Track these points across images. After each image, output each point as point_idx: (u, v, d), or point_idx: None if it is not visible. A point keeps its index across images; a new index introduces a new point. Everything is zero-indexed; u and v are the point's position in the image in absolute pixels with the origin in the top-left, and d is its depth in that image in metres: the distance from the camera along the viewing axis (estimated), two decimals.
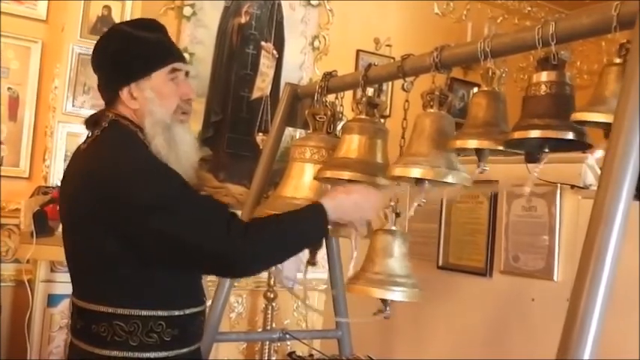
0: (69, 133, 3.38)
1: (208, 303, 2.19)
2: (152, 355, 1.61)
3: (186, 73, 1.78)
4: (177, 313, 1.64)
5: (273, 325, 3.58)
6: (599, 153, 1.44)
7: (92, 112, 1.81)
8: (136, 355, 1.59)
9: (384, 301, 1.82)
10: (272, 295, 3.57)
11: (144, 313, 1.59)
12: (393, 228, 1.90)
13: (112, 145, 1.64)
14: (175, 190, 1.58)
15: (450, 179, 1.71)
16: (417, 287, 1.85)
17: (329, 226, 1.73)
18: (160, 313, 1.61)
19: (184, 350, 1.67)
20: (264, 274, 3.62)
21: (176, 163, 1.67)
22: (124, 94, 1.68)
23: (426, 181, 1.77)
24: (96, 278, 1.64)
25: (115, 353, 1.59)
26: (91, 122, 1.74)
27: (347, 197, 1.76)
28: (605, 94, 1.44)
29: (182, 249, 1.55)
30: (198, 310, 1.72)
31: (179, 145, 1.70)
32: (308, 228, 1.71)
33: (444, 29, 4.80)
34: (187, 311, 1.67)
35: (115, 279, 1.60)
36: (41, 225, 2.92)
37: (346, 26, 4.52)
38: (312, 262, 2.14)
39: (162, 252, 1.56)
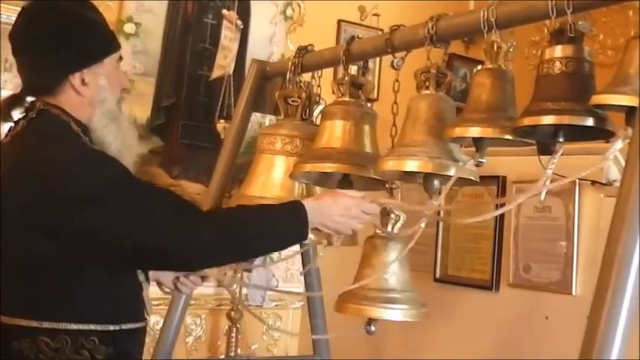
0: None
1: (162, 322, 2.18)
2: None
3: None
4: (112, 327, 1.69)
5: (239, 350, 3.58)
6: (618, 144, 1.46)
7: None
8: None
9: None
10: (237, 315, 3.56)
11: (72, 326, 1.64)
12: (390, 234, 1.91)
13: (43, 135, 1.72)
14: (116, 179, 1.66)
15: (452, 173, 1.72)
16: (419, 303, 1.87)
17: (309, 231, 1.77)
18: (92, 327, 1.65)
19: None
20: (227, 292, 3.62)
21: (127, 154, 1.81)
22: (76, 80, 1.75)
23: (436, 180, 1.79)
24: (18, 287, 1.67)
25: None
26: (6, 111, 1.80)
27: (334, 201, 1.80)
28: (629, 71, 1.46)
29: (126, 242, 1.62)
30: (137, 327, 1.77)
31: (127, 135, 1.86)
32: (282, 227, 1.77)
33: None
34: (124, 326, 1.72)
35: (41, 287, 1.65)
36: None
37: None
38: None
39: (102, 248, 1.63)
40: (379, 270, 1.87)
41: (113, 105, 1.83)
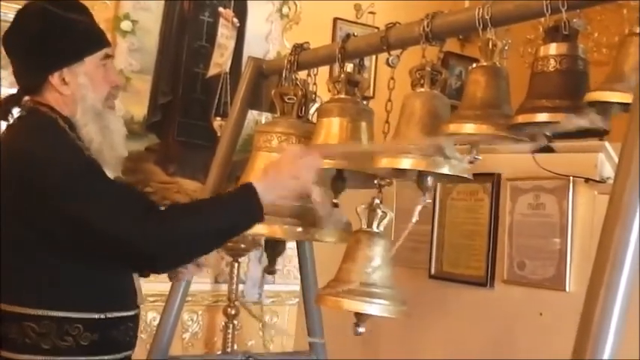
0: None
1: (158, 318, 2.18)
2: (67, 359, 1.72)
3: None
4: (96, 316, 1.76)
5: (235, 347, 3.58)
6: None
7: (12, 91, 1.92)
8: (49, 359, 1.71)
9: (358, 316, 1.84)
10: (233, 312, 3.56)
11: (54, 313, 1.71)
12: (374, 229, 1.92)
13: (28, 132, 1.82)
14: (88, 176, 1.74)
15: (446, 170, 1.72)
16: (399, 301, 1.87)
17: (263, 209, 1.81)
18: (77, 315, 1.73)
19: (107, 358, 1.79)
20: (224, 287, 3.62)
21: (109, 152, 1.87)
22: (55, 79, 1.83)
23: (429, 177, 1.79)
24: (6, 275, 1.74)
25: (25, 357, 1.70)
26: (4, 110, 1.90)
27: (278, 172, 1.85)
28: (624, 69, 1.46)
29: (92, 236, 1.68)
30: (124, 315, 1.84)
31: (113, 134, 1.91)
32: (236, 213, 1.84)
33: None
34: (110, 315, 1.79)
35: (28, 276, 1.74)
36: None
37: None
38: (270, 270, 2.20)
39: (74, 240, 1.71)
40: (361, 264, 1.87)
41: (96, 102, 1.87)
